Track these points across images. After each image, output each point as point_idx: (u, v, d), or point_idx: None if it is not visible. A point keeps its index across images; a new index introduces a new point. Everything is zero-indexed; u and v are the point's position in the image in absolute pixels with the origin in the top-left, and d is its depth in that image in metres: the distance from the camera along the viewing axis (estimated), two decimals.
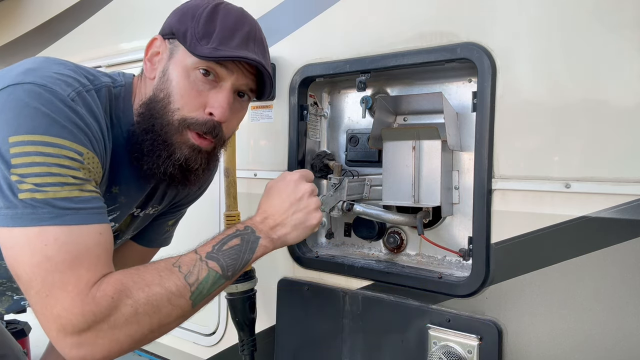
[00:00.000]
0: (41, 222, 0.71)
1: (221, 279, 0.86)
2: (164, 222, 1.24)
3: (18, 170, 0.71)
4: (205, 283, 0.83)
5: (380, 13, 1.29)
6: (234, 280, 0.91)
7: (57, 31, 2.20)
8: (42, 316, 0.72)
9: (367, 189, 1.37)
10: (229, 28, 0.91)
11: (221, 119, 0.91)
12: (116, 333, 0.73)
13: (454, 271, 1.25)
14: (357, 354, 1.33)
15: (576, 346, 1.04)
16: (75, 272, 0.72)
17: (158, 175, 0.93)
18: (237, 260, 0.88)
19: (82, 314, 0.70)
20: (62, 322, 0.70)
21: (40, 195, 0.71)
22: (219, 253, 0.87)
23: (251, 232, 0.93)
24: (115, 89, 0.92)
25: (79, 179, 0.76)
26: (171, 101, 0.90)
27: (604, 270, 1.00)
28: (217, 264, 0.85)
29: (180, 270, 0.81)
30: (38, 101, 0.74)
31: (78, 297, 0.71)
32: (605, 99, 1.00)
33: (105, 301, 0.72)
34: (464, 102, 1.27)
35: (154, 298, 0.76)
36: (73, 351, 0.72)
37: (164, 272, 0.80)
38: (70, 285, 0.71)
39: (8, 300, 1.07)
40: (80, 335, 0.71)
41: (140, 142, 0.91)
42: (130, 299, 0.74)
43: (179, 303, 0.79)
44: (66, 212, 0.73)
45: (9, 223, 0.71)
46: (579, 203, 1.02)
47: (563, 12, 1.03)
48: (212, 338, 1.68)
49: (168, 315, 0.79)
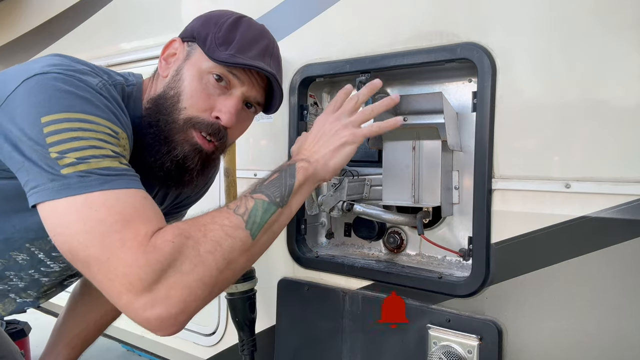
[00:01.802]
0: (90, 189, 0.71)
1: (271, 205, 0.85)
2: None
3: (56, 148, 0.71)
4: (256, 211, 0.82)
5: (380, 13, 1.29)
6: (290, 211, 0.90)
7: (56, 31, 2.20)
8: (109, 283, 0.70)
9: (367, 189, 1.37)
10: (248, 39, 0.94)
11: (227, 124, 0.92)
12: (185, 279, 0.71)
13: (454, 271, 1.25)
14: (357, 354, 1.33)
15: (576, 346, 1.04)
16: (131, 229, 0.71)
17: (155, 170, 0.93)
18: (280, 187, 0.88)
19: (147, 264, 0.69)
20: (130, 279, 0.68)
21: (83, 167, 0.71)
22: (262, 187, 0.87)
23: (288, 164, 0.93)
24: (127, 88, 0.94)
25: (116, 153, 0.77)
26: (180, 100, 0.92)
27: (604, 271, 1.00)
28: (262, 194, 0.85)
29: (229, 207, 0.82)
30: (70, 85, 0.75)
31: (139, 249, 0.69)
32: (605, 99, 1.00)
33: (167, 246, 0.71)
34: (464, 102, 1.27)
35: (211, 234, 0.76)
36: (148, 312, 0.69)
37: (214, 212, 0.81)
38: (129, 240, 0.70)
39: (11, 303, 1.07)
40: (151, 291, 0.69)
41: (142, 135, 0.92)
42: (190, 240, 0.73)
43: (237, 234, 0.79)
44: (112, 178, 0.73)
45: (55, 195, 0.70)
46: (579, 203, 1.02)
47: (563, 12, 1.03)
48: (212, 338, 1.68)
49: (230, 248, 0.77)
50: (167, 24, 1.79)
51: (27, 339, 2.36)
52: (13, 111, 0.74)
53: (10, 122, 0.74)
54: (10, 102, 0.75)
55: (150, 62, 1.76)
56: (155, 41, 1.81)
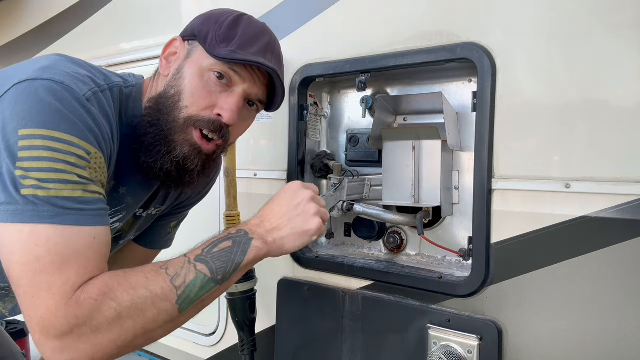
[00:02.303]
0: (40, 220, 0.70)
1: (210, 282, 0.81)
2: (166, 223, 1.24)
3: (24, 164, 0.71)
4: (193, 286, 0.79)
5: (380, 13, 1.29)
6: (227, 286, 0.86)
7: (56, 32, 2.20)
8: (28, 317, 0.71)
9: (367, 189, 1.37)
10: (249, 36, 0.93)
11: (229, 122, 0.91)
12: (99, 337, 0.71)
13: (454, 271, 1.25)
14: (357, 354, 1.33)
15: (576, 346, 1.04)
16: (62, 275, 0.70)
17: (154, 170, 0.92)
18: (227, 263, 0.84)
19: (64, 316, 0.69)
20: (45, 324, 0.69)
21: (42, 193, 0.71)
22: (209, 255, 0.83)
23: (244, 235, 0.89)
24: (126, 89, 0.93)
25: (83, 179, 0.75)
26: (181, 99, 0.91)
27: (604, 270, 1.00)
28: (206, 267, 0.82)
29: (167, 273, 0.78)
30: (53, 97, 0.74)
31: (62, 299, 0.69)
32: (605, 99, 1.00)
33: (89, 303, 0.70)
34: (464, 102, 1.27)
35: (139, 301, 0.73)
36: (55, 356, 0.70)
37: (151, 274, 0.77)
38: (56, 287, 0.69)
39: (11, 302, 1.07)
40: (62, 339, 0.69)
41: (142, 135, 0.91)
42: (113, 302, 0.72)
43: (164, 307, 0.76)
44: (66, 212, 0.72)
45: (7, 218, 0.71)
46: (579, 203, 1.02)
47: (563, 12, 1.03)
48: (212, 338, 1.68)
49: (153, 319, 0.75)
50: (167, 24, 1.79)
51: (27, 339, 2.36)
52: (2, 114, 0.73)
53: None
54: (2, 104, 0.74)
55: (150, 62, 1.76)
56: (156, 41, 1.81)
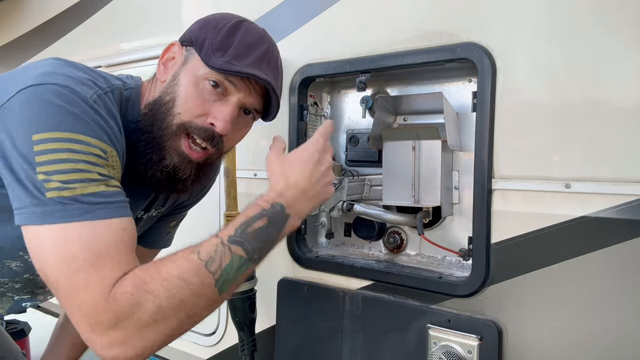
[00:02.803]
0: (69, 219, 0.71)
1: (247, 262, 0.80)
2: (166, 223, 1.24)
3: (43, 168, 0.71)
4: (230, 269, 0.78)
5: (380, 13, 1.29)
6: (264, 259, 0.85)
7: (56, 32, 2.20)
8: (72, 316, 0.72)
9: (367, 189, 1.37)
10: (246, 45, 0.91)
11: (222, 131, 0.90)
12: (144, 331, 0.72)
13: (454, 271, 1.25)
14: (357, 354, 1.33)
15: (576, 346, 1.04)
16: (98, 271, 0.71)
17: (145, 178, 0.92)
18: (262, 243, 0.83)
19: (106, 312, 0.69)
20: (90, 322, 0.70)
21: (67, 193, 0.71)
22: (243, 236, 0.81)
23: (280, 211, 0.86)
24: (125, 92, 0.93)
25: (104, 176, 0.76)
26: (175, 105, 0.90)
27: (604, 270, 1.00)
28: (242, 248, 0.80)
29: (200, 258, 0.76)
30: (62, 100, 0.74)
31: (101, 296, 0.70)
32: (605, 99, 1.00)
33: (125, 299, 0.70)
34: (464, 102, 1.27)
35: (175, 291, 0.73)
36: (105, 351, 0.71)
37: (181, 262, 0.75)
38: (94, 284, 0.70)
39: (9, 301, 1.07)
40: (109, 335, 0.70)
41: (136, 141, 0.91)
42: (150, 294, 0.71)
43: (203, 293, 0.75)
44: (95, 207, 0.73)
45: (37, 220, 0.71)
46: (579, 203, 1.02)
47: (563, 12, 1.03)
48: (212, 338, 1.68)
49: (195, 306, 0.75)
50: (167, 24, 1.79)
51: (27, 339, 2.36)
52: (6, 123, 0.73)
53: (4, 133, 0.73)
54: (4, 112, 0.74)
55: (150, 62, 1.76)
56: (156, 41, 1.81)
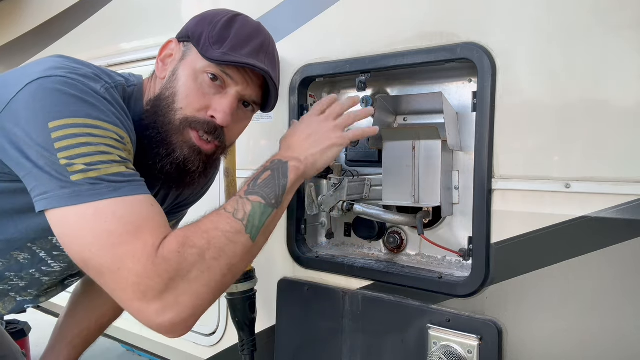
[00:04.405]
0: (100, 197, 0.72)
1: (267, 208, 0.87)
2: None
3: (64, 154, 0.71)
4: (254, 214, 0.85)
5: (380, 13, 1.29)
6: (284, 208, 0.92)
7: (56, 32, 2.20)
8: (121, 291, 0.73)
9: (367, 189, 1.37)
10: (242, 37, 0.93)
11: (222, 123, 0.92)
12: (193, 286, 0.75)
13: (454, 271, 1.25)
14: (357, 354, 1.33)
15: (576, 346, 1.04)
16: (140, 240, 0.73)
17: (154, 172, 0.93)
18: (274, 188, 0.90)
19: (157, 274, 0.71)
20: (141, 288, 0.71)
21: (93, 174, 0.72)
22: (255, 187, 0.89)
23: (278, 162, 0.94)
24: (128, 89, 0.94)
25: (123, 159, 0.78)
26: (175, 100, 0.92)
27: (604, 270, 1.00)
28: (258, 196, 0.87)
29: (227, 211, 0.84)
30: (73, 89, 0.75)
31: (149, 260, 0.72)
32: (605, 99, 1.00)
33: (174, 256, 0.74)
34: (464, 102, 1.27)
35: (214, 241, 0.78)
36: (160, 318, 0.73)
37: (215, 217, 0.82)
38: (139, 252, 0.72)
39: (11, 302, 1.07)
40: (162, 298, 0.72)
41: (142, 137, 0.92)
42: (194, 248, 0.76)
43: (238, 239, 0.81)
44: (122, 185, 0.75)
45: (66, 202, 0.71)
46: (579, 203, 1.02)
47: (563, 12, 1.03)
48: (212, 338, 1.68)
49: (233, 254, 0.80)
50: (167, 24, 1.79)
51: (27, 339, 2.36)
52: (17, 115, 0.73)
53: (15, 127, 0.73)
54: (13, 105, 0.74)
55: (150, 62, 1.76)
56: (155, 41, 1.81)
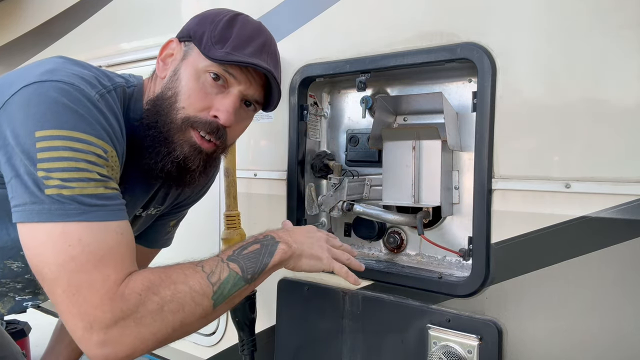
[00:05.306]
0: (68, 218, 0.71)
1: (241, 280, 0.87)
2: (166, 222, 1.24)
3: (44, 165, 0.71)
4: (226, 284, 0.84)
5: (380, 13, 1.29)
6: (254, 286, 0.92)
7: (56, 32, 2.20)
8: (69, 315, 0.72)
9: (367, 189, 1.37)
10: (244, 36, 0.93)
11: (225, 123, 0.92)
12: (141, 330, 0.74)
13: (454, 271, 1.25)
14: (357, 354, 1.33)
15: (576, 346, 1.04)
16: (101, 272, 0.72)
17: (155, 171, 0.93)
18: (256, 263, 0.90)
19: (110, 310, 0.71)
20: (90, 319, 0.71)
21: (67, 192, 0.72)
22: (239, 256, 0.89)
23: (271, 239, 0.96)
24: (128, 89, 0.94)
25: (103, 176, 0.77)
26: (177, 100, 0.91)
27: (604, 270, 1.00)
28: (238, 266, 0.87)
29: (204, 270, 0.83)
30: (66, 98, 0.75)
31: (107, 294, 0.71)
32: (605, 99, 1.00)
33: (134, 297, 0.73)
34: (464, 102, 1.27)
35: (179, 296, 0.77)
36: (97, 350, 0.72)
37: (189, 271, 0.82)
38: (98, 284, 0.71)
39: (10, 302, 1.07)
40: (107, 333, 0.71)
41: (141, 138, 0.92)
42: (157, 296, 0.75)
43: (201, 302, 0.80)
44: (92, 209, 0.74)
45: (35, 218, 0.71)
46: (579, 203, 1.02)
47: (563, 12, 1.03)
48: (212, 338, 1.68)
49: (191, 314, 0.79)
50: (167, 24, 1.79)
51: (27, 339, 2.36)
52: (10, 117, 0.73)
53: (7, 128, 0.73)
54: (7, 107, 0.74)
55: (150, 62, 1.76)
56: (155, 41, 1.81)
